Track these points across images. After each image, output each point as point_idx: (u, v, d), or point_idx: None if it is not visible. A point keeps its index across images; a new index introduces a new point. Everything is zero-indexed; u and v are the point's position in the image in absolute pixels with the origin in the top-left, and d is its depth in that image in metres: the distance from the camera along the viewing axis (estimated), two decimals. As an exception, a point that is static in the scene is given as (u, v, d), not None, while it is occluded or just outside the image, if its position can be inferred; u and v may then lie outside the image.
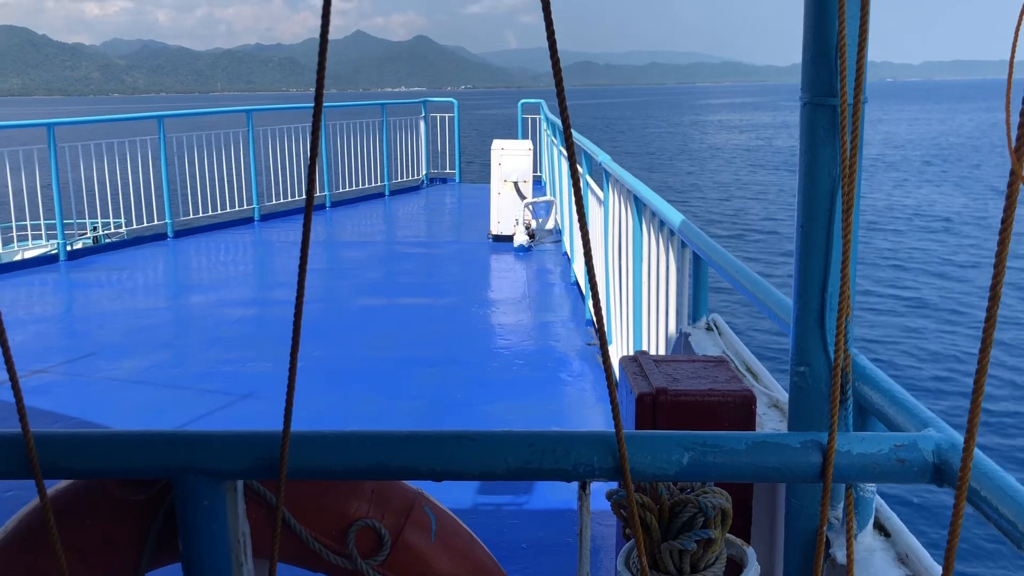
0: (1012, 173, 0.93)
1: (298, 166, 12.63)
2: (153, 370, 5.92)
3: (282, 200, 12.42)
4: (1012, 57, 0.96)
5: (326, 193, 13.03)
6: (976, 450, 1.14)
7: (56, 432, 1.40)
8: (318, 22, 1.07)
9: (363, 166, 13.72)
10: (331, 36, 1.10)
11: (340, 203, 13.34)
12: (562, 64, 1.10)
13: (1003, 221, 0.97)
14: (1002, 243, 0.97)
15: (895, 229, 22.88)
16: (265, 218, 11.99)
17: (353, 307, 7.59)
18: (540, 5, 1.05)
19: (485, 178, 11.67)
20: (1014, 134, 0.93)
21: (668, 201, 4.05)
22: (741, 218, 25.66)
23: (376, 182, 14.02)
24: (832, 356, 1.57)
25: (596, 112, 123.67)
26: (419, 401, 5.36)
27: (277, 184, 12.45)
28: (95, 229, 11.15)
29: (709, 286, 3.47)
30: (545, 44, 1.08)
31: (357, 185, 13.70)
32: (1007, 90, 0.99)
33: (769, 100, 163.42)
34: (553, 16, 1.05)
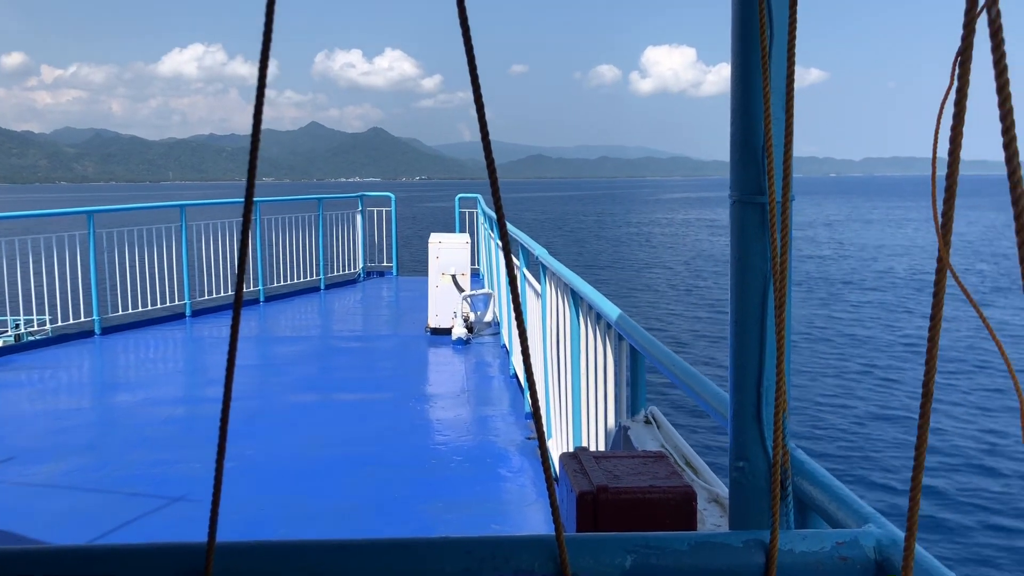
0: (939, 260, 0.95)
1: (231, 261, 12.48)
2: (73, 474, 5.65)
3: (215, 295, 12.23)
4: (934, 153, 1.01)
5: (259, 288, 12.87)
6: (916, 546, 1.13)
7: None
8: (274, 113, 1.03)
9: (298, 260, 13.64)
10: (285, 127, 1.07)
11: (274, 297, 13.17)
12: (515, 157, 1.10)
13: (931, 318, 0.98)
14: (932, 339, 0.98)
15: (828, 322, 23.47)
16: (197, 314, 11.76)
17: (286, 404, 7.40)
18: (490, 100, 1.06)
19: (423, 271, 11.68)
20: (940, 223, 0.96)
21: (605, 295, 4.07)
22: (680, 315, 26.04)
23: (312, 276, 13.93)
24: (771, 452, 1.57)
25: (547, 205, 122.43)
26: (355, 501, 5.20)
27: (210, 279, 12.27)
28: (17, 327, 10.79)
29: (648, 380, 3.48)
30: (499, 137, 1.08)
31: (292, 279, 13.59)
32: (931, 184, 1.04)
33: (718, 196, 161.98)
34: (505, 111, 1.05)
